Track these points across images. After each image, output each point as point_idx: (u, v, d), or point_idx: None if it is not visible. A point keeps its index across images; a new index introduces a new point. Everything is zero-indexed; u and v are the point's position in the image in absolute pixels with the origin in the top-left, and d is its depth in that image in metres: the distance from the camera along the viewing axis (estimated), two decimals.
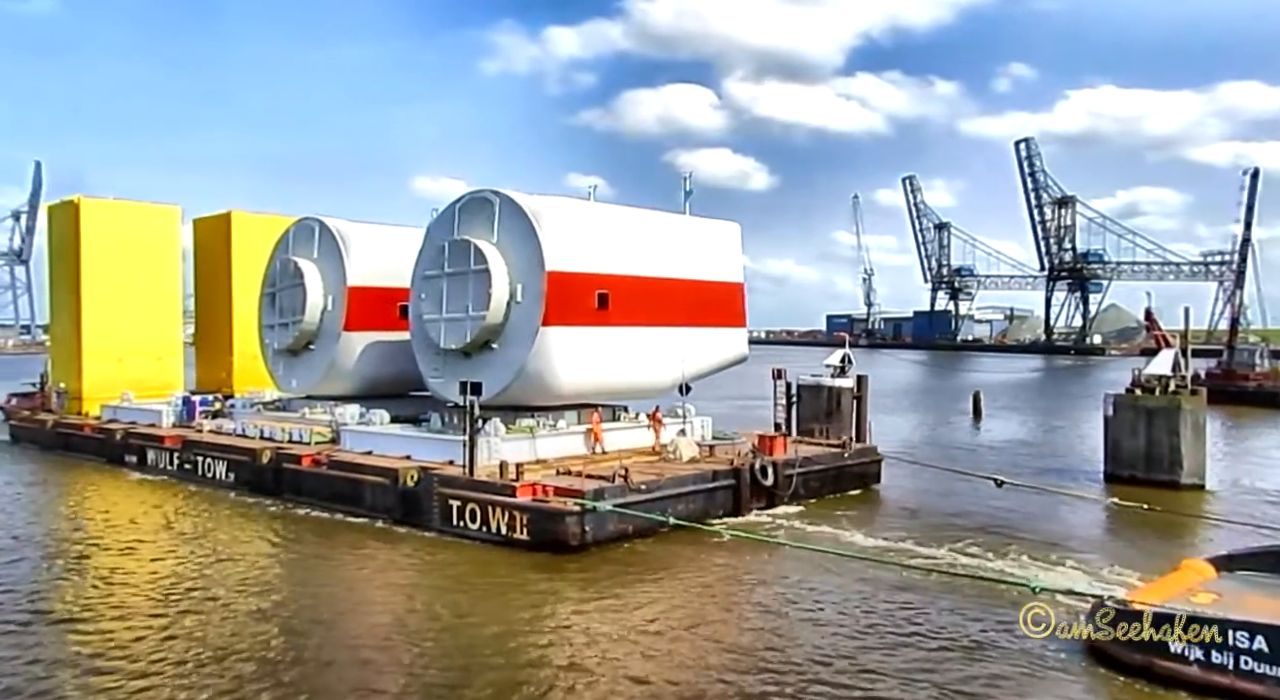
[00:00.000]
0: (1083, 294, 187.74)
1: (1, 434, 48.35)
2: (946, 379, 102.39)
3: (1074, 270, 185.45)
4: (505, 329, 29.09)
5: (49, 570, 22.51)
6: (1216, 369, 69.16)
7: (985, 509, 27.58)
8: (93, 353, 43.71)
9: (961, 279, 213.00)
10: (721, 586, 20.16)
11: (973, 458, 38.59)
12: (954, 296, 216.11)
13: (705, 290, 33.06)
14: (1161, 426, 31.04)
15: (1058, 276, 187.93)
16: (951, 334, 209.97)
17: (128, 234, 44.72)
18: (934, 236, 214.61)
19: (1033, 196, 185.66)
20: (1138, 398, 32.07)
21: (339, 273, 35.03)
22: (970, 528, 25.15)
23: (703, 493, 25.45)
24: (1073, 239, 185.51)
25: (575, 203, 30.27)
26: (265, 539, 25.63)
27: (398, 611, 19.07)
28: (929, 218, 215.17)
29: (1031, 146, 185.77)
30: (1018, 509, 27.71)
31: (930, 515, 26.96)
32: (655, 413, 30.80)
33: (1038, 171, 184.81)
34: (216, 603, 19.26)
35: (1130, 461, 31.72)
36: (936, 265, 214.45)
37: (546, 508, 22.62)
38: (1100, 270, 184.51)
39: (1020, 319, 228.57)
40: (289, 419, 35.02)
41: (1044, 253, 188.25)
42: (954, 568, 20.60)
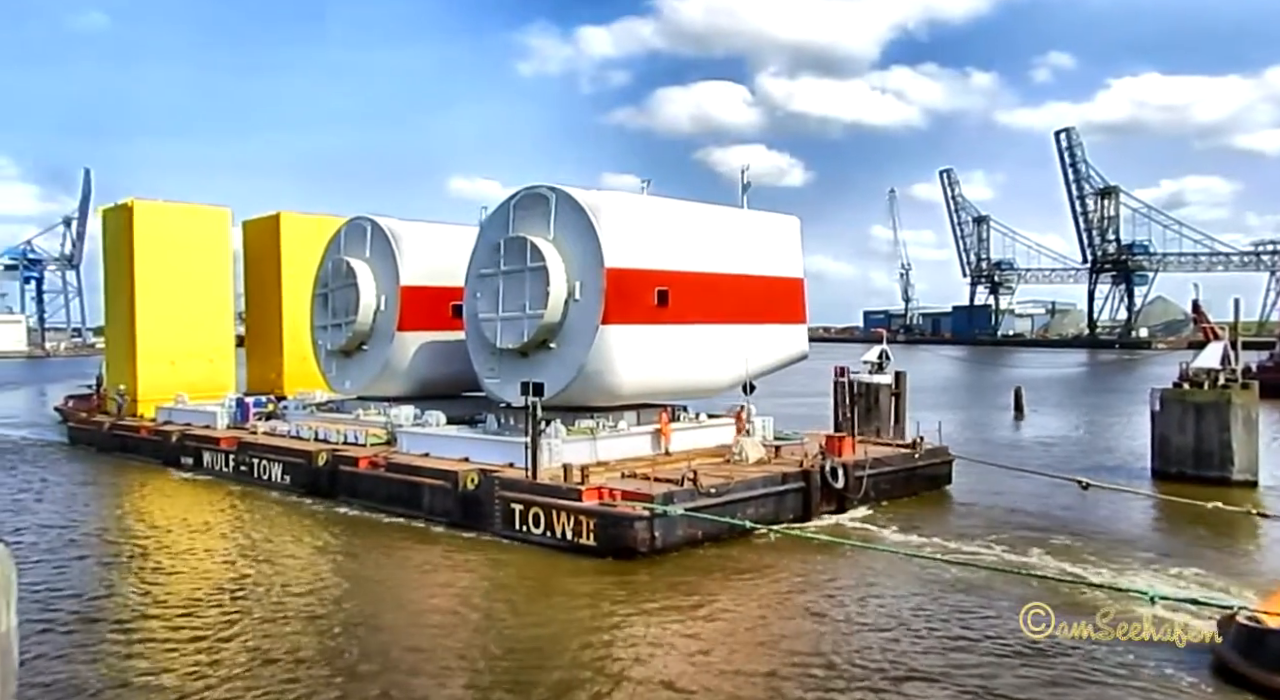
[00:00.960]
0: (1127, 287, 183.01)
1: (58, 435, 48.96)
2: (987, 375, 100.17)
3: (1118, 262, 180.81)
4: (563, 328, 28.40)
5: (109, 571, 22.52)
6: (1269, 362, 66.51)
7: (1067, 511, 26.36)
8: (147, 355, 43.90)
9: (1001, 273, 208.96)
10: (798, 595, 19.24)
11: (1017, 455, 37.26)
12: (994, 291, 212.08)
13: (765, 286, 32.12)
14: (1211, 422, 30.06)
15: (1101, 269, 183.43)
16: (992, 329, 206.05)
17: (180, 236, 44.85)
18: (973, 230, 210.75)
19: (1074, 188, 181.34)
20: (1186, 392, 31.12)
21: (392, 272, 34.62)
22: (1055, 530, 23.99)
23: (772, 496, 24.55)
24: (1116, 230, 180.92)
25: (633, 197, 29.49)
26: (322, 541, 25.28)
27: (457, 616, 18.53)
28: (967, 211, 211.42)
29: (1072, 137, 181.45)
30: (1100, 511, 26.45)
31: (1010, 518, 25.78)
32: (740, 412, 29.77)
33: (1079, 162, 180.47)
34: (273, 604, 19.07)
35: (1179, 458, 30.79)
36: (975, 259, 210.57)
37: (614, 512, 21.87)
38: (1145, 262, 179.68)
39: (1062, 313, 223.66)
40: (343, 421, 34.70)
41: (1086, 245, 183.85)
42: (1060, 574, 19.45)
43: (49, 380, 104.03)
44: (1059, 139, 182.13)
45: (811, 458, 26.06)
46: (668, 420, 28.64)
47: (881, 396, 32.86)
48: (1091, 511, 26.32)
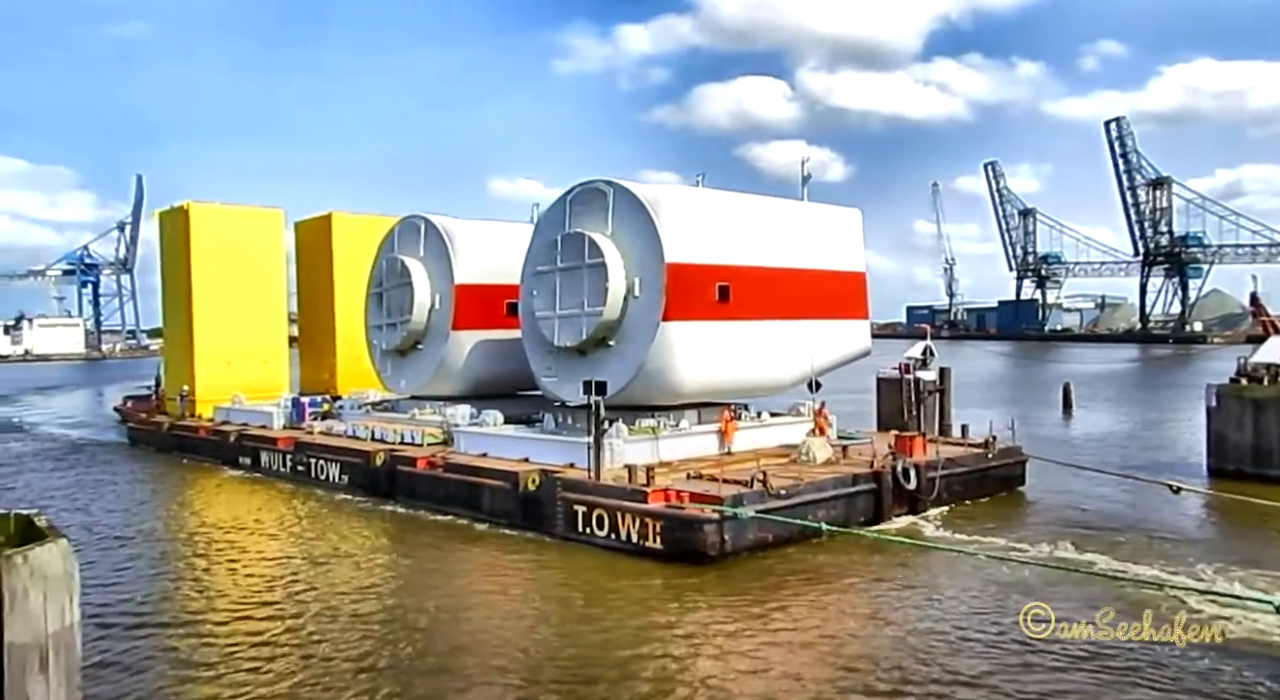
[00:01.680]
0: (1181, 279, 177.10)
1: (118, 436, 49.67)
2: (1034, 370, 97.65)
3: (1171, 254, 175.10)
4: (623, 325, 27.82)
5: (170, 570, 22.60)
6: None
7: (1153, 514, 25.12)
8: (204, 356, 44.28)
9: (1048, 267, 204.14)
10: (874, 601, 18.40)
11: (1065, 452, 35.58)
12: (1041, 285, 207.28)
13: (827, 280, 31.23)
14: (1272, 418, 29.09)
15: (1153, 262, 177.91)
16: (1039, 324, 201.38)
17: (234, 237, 45.16)
18: (1019, 223, 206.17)
19: (1125, 179, 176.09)
20: (1244, 388, 30.15)
21: (446, 271, 34.33)
22: (1144, 534, 22.84)
23: (843, 498, 23.69)
24: (1169, 222, 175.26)
25: (693, 190, 28.80)
26: (381, 542, 25.06)
27: (518, 618, 18.12)
28: (1013, 204, 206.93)
29: (1123, 126, 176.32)
30: (1189, 514, 25.18)
31: (1092, 521, 24.63)
32: (821, 409, 28.96)
33: (1130, 152, 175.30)
34: (333, 605, 18.88)
35: (1236, 456, 29.77)
36: (1022, 253, 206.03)
37: (682, 515, 21.20)
38: (1200, 254, 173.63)
39: (1113, 307, 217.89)
40: (399, 420, 34.50)
41: (1138, 237, 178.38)
42: (1156, 580, 18.37)
43: (106, 382, 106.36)
44: (1109, 129, 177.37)
45: (882, 458, 25.13)
46: (730, 419, 27.89)
47: (926, 393, 32.02)
48: (1180, 515, 25.05)
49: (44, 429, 56.00)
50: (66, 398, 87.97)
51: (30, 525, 8.96)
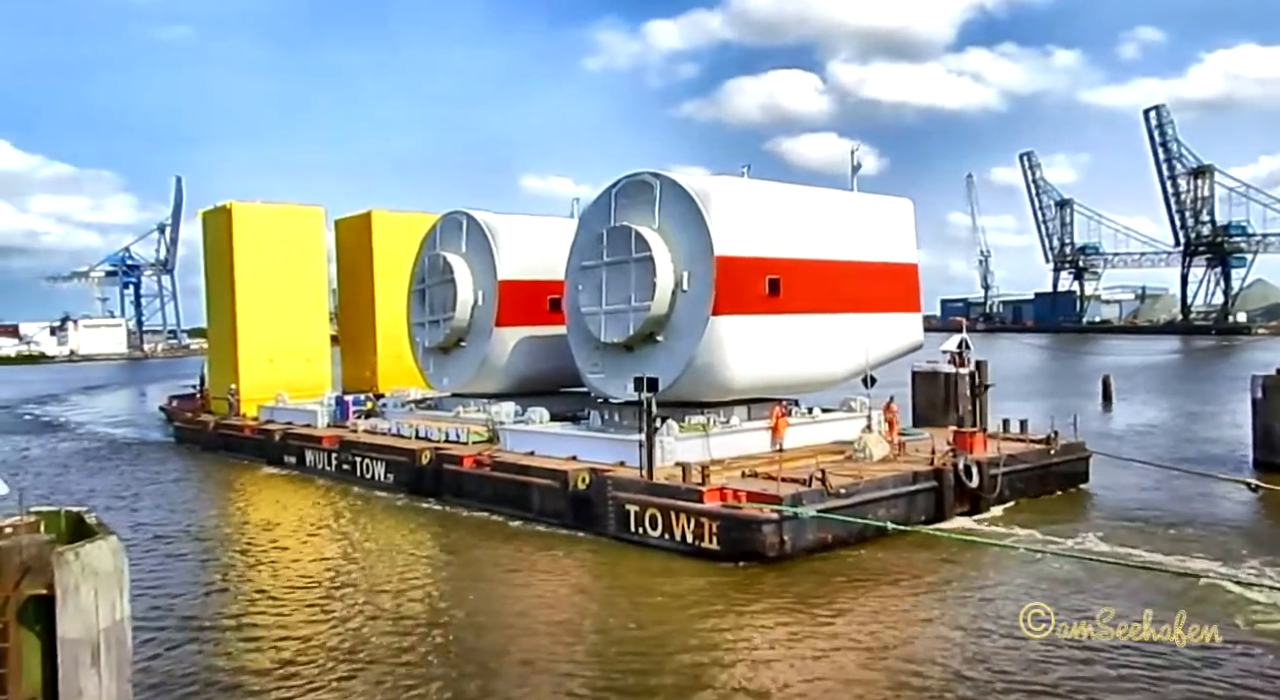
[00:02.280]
0: (1224, 269, 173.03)
1: (164, 435, 50.09)
2: (1072, 363, 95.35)
3: (1213, 244, 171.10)
4: (671, 320, 27.28)
5: (220, 568, 22.59)
6: None
7: (1231, 513, 24.09)
8: (247, 354, 44.43)
9: (1086, 258, 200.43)
10: (948, 605, 17.66)
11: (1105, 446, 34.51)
12: (1078, 276, 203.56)
13: (880, 272, 30.46)
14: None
15: (1195, 252, 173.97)
16: (1076, 316, 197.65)
17: (276, 236, 45.24)
18: (1055, 214, 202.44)
19: (1165, 167, 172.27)
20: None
21: (489, 267, 34.01)
22: (1226, 534, 21.82)
23: (903, 496, 22.96)
24: (1211, 211, 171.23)
25: (742, 181, 28.13)
26: (428, 541, 24.81)
27: (569, 619, 17.74)
28: (1049, 195, 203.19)
29: (1162, 114, 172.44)
30: (1265, 513, 24.09)
31: (1165, 520, 23.57)
32: (890, 404, 28.23)
33: (1170, 141, 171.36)
34: (381, 604, 18.73)
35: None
36: (1059, 244, 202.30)
37: (740, 515, 20.62)
38: (1243, 243, 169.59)
39: (1153, 298, 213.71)
40: (443, 418, 34.25)
41: (1178, 227, 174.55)
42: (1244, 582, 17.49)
43: (148, 381, 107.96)
44: (1148, 117, 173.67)
45: (942, 455, 24.35)
46: (782, 415, 27.27)
47: (962, 387, 31.36)
48: (1259, 514, 23.97)
49: (91, 428, 56.71)
50: (111, 397, 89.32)
51: (81, 522, 9.05)
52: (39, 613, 7.49)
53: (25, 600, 7.41)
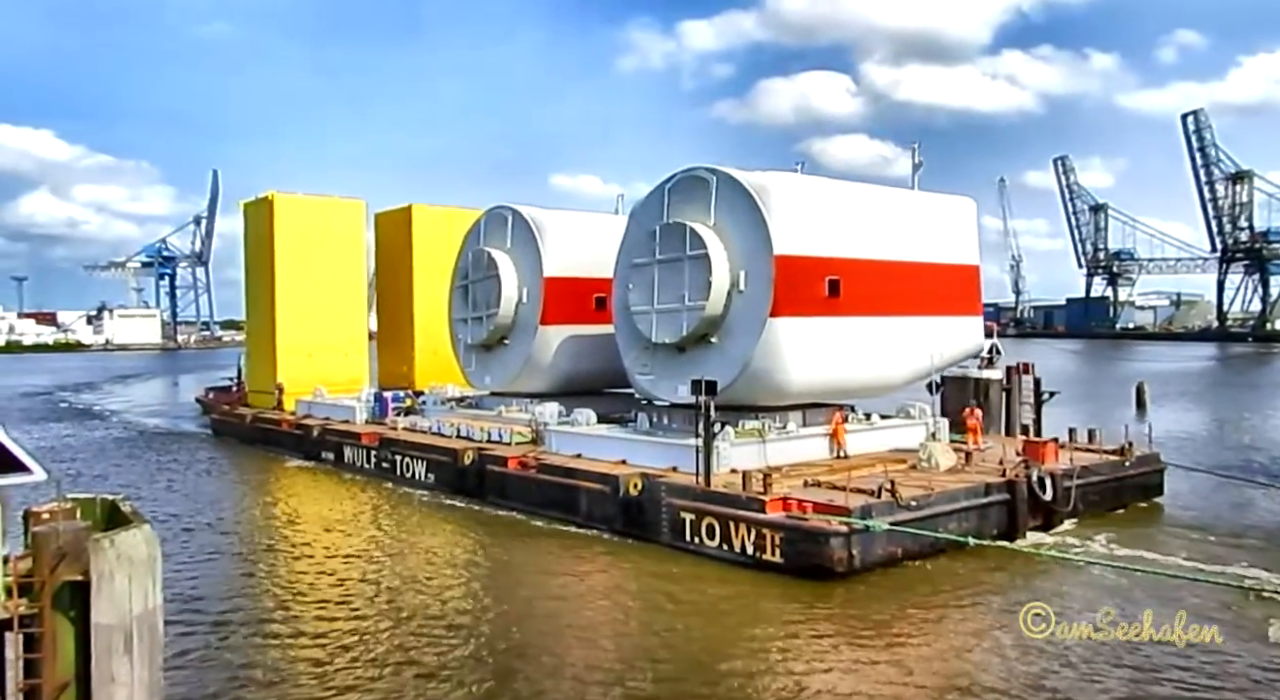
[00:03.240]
0: (1262, 276, 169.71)
1: (200, 427, 49.87)
2: (1105, 369, 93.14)
3: (1251, 250, 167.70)
4: (726, 320, 26.30)
5: (257, 563, 22.20)
6: None
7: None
8: (286, 348, 43.99)
9: (1121, 263, 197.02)
10: (1033, 628, 16.57)
11: None
12: (1112, 282, 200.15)
13: (941, 274, 29.29)
14: None
15: (1232, 258, 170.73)
16: (1109, 322, 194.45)
17: (317, 228, 44.79)
18: (1089, 219, 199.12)
19: (1202, 173, 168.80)
20: None
21: (534, 263, 33.20)
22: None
23: (975, 509, 21.82)
24: (1249, 216, 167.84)
25: (802, 178, 27.07)
26: (471, 544, 24.09)
27: (622, 632, 16.95)
28: (1083, 199, 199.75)
29: (1200, 119, 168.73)
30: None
31: (1257, 536, 22.31)
32: (973, 409, 27.13)
33: (1208, 145, 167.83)
34: (421, 607, 18.19)
35: None
36: (1092, 249, 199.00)
37: (806, 526, 19.61)
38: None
39: (1189, 305, 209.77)
40: (485, 417, 33.49)
41: (1216, 233, 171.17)
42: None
43: (181, 372, 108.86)
44: (1186, 122, 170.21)
45: (1014, 466, 23.17)
46: (842, 421, 26.21)
47: (992, 392, 30.40)
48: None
49: (126, 417, 56.75)
50: (145, 387, 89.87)
51: (116, 510, 9.18)
52: (74, 598, 7.60)
53: (61, 585, 7.61)
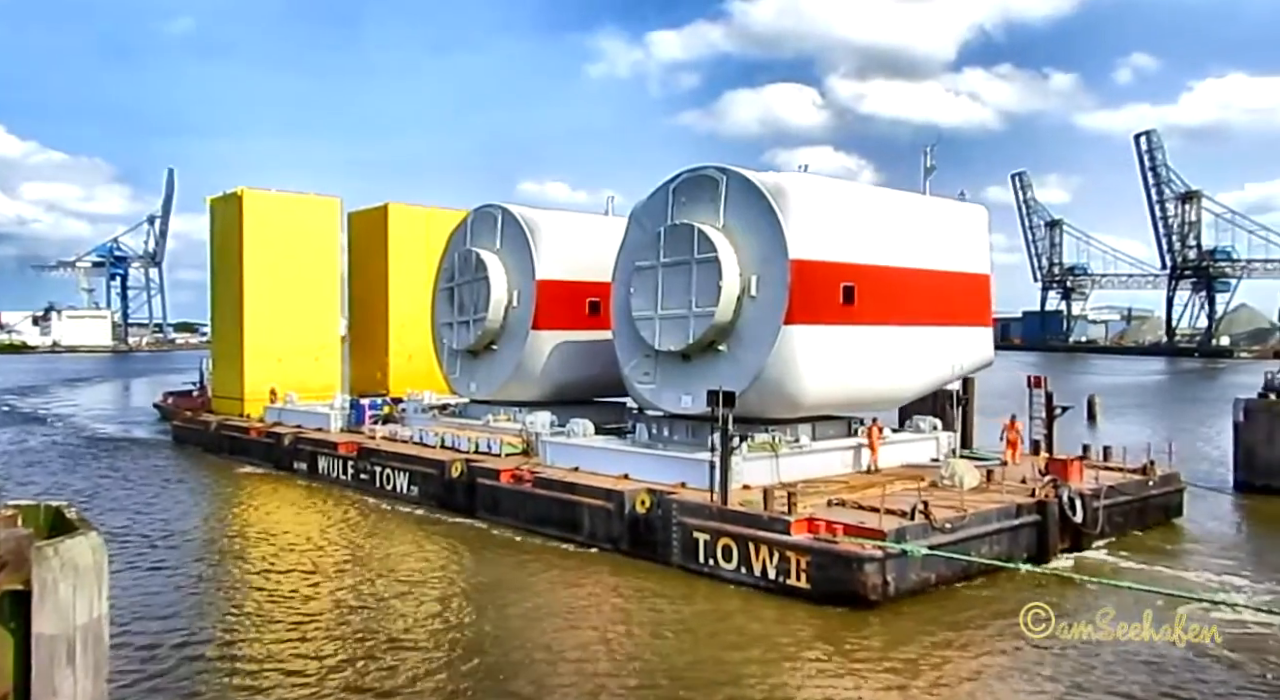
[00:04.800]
0: (1209, 293, 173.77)
1: (159, 433, 47.28)
2: (1059, 381, 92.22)
3: (1199, 268, 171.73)
4: (736, 327, 24.97)
5: (218, 583, 20.65)
6: None
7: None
8: (254, 351, 41.73)
9: (1075, 278, 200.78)
10: (1099, 663, 15.40)
11: None
12: (1066, 296, 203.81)
13: (954, 283, 28.28)
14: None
15: (1181, 275, 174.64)
16: (1064, 335, 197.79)
17: (289, 226, 42.63)
18: (1045, 234, 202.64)
19: (1154, 192, 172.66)
20: (1273, 403, 30.16)
21: (526, 265, 31.59)
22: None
23: (1006, 532, 20.65)
24: (1198, 235, 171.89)
25: (819, 179, 25.85)
26: (464, 563, 22.52)
27: (633, 663, 15.51)
28: (1040, 215, 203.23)
29: (1153, 140, 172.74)
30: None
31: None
32: (1013, 423, 26.12)
33: (1159, 165, 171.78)
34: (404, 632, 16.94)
35: (1266, 470, 29.45)
36: (1048, 264, 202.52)
37: (836, 550, 18.25)
38: (1229, 268, 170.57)
39: (1140, 320, 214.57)
40: (472, 427, 31.72)
41: (1166, 250, 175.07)
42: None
43: (134, 375, 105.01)
44: (1139, 142, 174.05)
45: (1043, 486, 22.06)
46: (879, 434, 25.00)
47: (949, 403, 29.68)
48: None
49: (78, 423, 53.81)
50: (94, 391, 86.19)
51: (61, 517, 8.82)
52: (15, 608, 7.27)
53: (1, 595, 7.21)
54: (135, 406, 65.89)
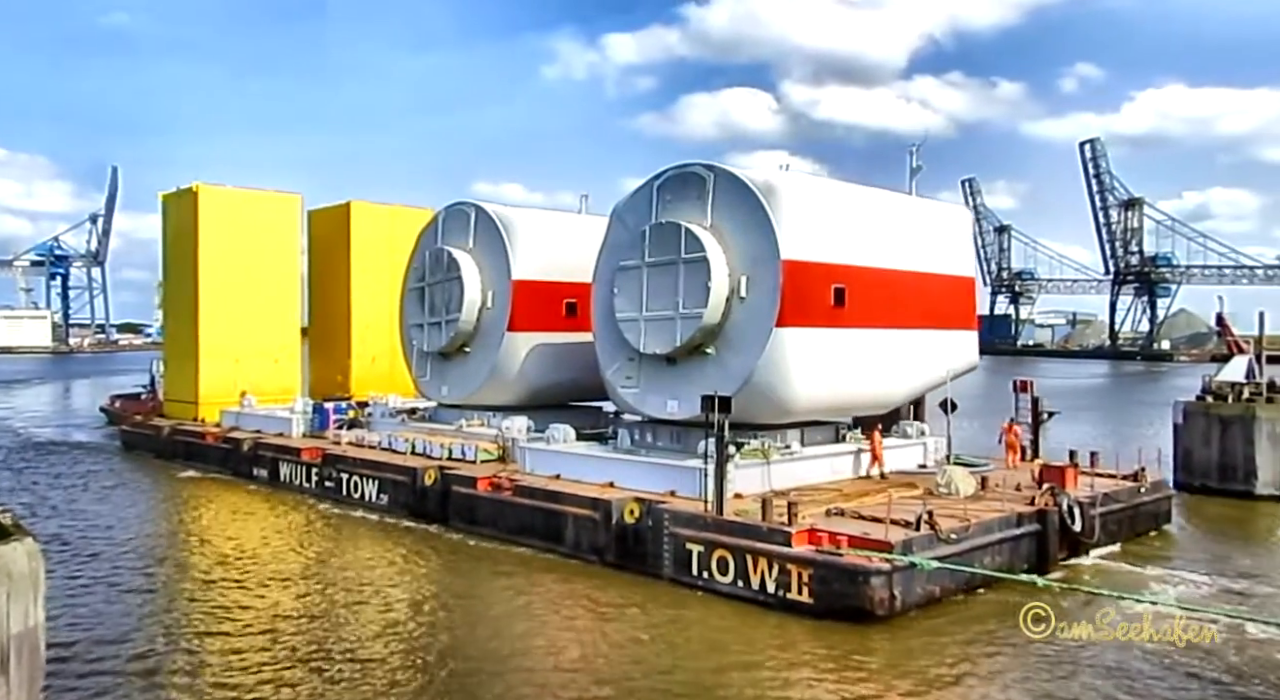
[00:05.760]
0: (1150, 298, 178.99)
1: (106, 438, 45.06)
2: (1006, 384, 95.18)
3: (1141, 274, 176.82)
4: (724, 330, 24.16)
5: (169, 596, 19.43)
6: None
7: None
8: (210, 353, 39.86)
9: (1022, 283, 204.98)
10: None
11: None
12: (1014, 301, 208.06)
13: (941, 285, 27.82)
14: (1236, 435, 29.56)
15: (1124, 280, 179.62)
16: (1012, 339, 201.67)
17: (247, 223, 40.84)
18: (994, 239, 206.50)
19: (1098, 199, 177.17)
20: (1210, 405, 30.89)
21: (501, 265, 30.45)
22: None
23: (1008, 541, 20.10)
24: (1140, 242, 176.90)
25: (810, 178, 25.23)
26: (434, 575, 21.46)
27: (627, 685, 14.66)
28: (989, 220, 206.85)
29: (1097, 147, 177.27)
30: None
31: None
32: (1011, 427, 25.78)
33: (1103, 173, 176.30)
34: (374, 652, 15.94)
35: (1202, 471, 30.26)
36: (996, 269, 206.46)
37: (841, 563, 17.49)
38: (1169, 274, 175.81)
39: (1084, 324, 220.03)
40: (444, 432, 30.46)
41: (1109, 256, 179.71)
42: None
43: (76, 377, 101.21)
44: (1083, 150, 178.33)
45: (1041, 494, 21.57)
46: (880, 439, 24.37)
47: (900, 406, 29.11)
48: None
49: (15, 426, 51.11)
50: (32, 393, 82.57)
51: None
52: None
53: None
54: (78, 410, 63.08)
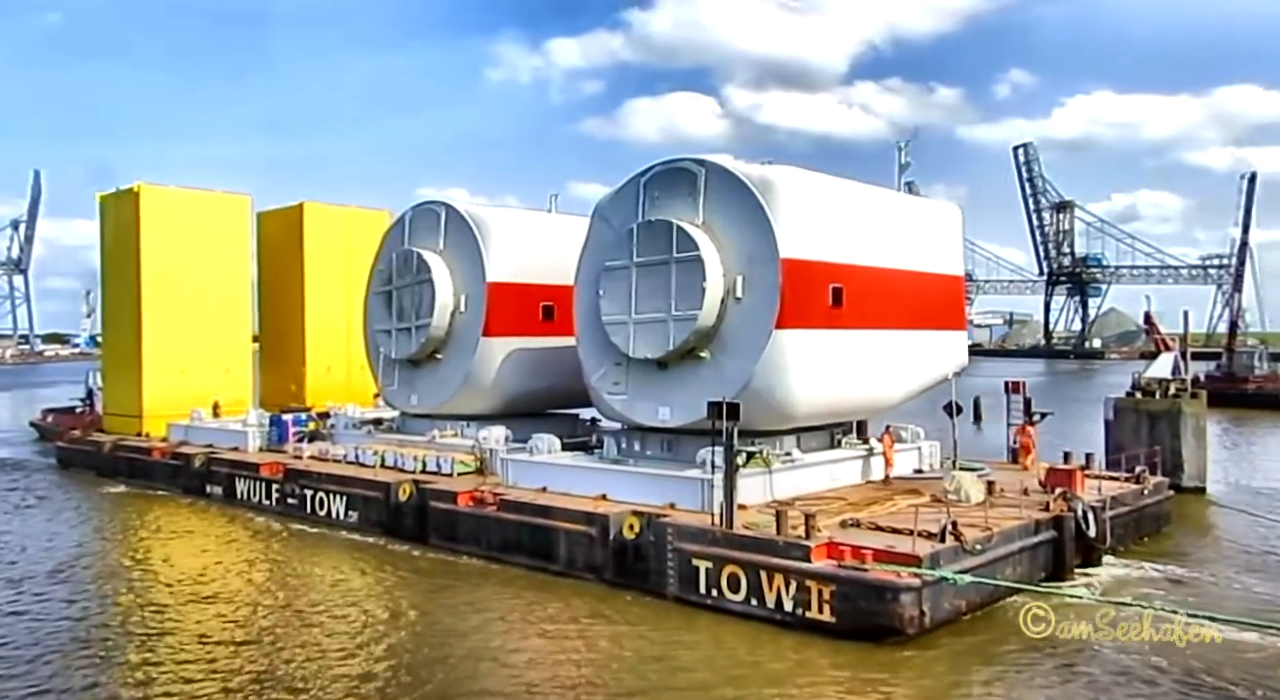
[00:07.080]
0: (1082, 298, 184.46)
1: (39, 454, 42.08)
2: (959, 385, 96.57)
3: (1073, 274, 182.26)
4: (720, 332, 23.01)
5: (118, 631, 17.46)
6: (1216, 372, 67.53)
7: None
8: (154, 363, 37.40)
9: None
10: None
11: None
12: None
13: (933, 285, 27.12)
14: (1164, 430, 30.67)
15: (1057, 281, 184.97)
16: None
17: (193, 226, 38.50)
18: None
19: (1031, 202, 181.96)
20: (1139, 401, 31.95)
21: (474, 267, 28.89)
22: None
23: (1026, 550, 19.28)
24: (1071, 243, 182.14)
25: (808, 173, 24.10)
26: (419, 603, 19.60)
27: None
28: None
29: (1030, 152, 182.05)
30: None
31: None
32: (1024, 427, 25.29)
33: (1036, 176, 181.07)
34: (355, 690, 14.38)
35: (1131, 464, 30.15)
36: None
37: (866, 578, 16.43)
38: (1099, 274, 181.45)
39: (1020, 324, 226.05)
40: (415, 444, 28.75)
41: (1043, 257, 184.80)
42: None
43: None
44: (1017, 154, 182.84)
45: (1056, 499, 20.85)
46: (892, 443, 23.45)
47: None
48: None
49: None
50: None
51: None
52: None
53: None
54: (2, 425, 59.37)
